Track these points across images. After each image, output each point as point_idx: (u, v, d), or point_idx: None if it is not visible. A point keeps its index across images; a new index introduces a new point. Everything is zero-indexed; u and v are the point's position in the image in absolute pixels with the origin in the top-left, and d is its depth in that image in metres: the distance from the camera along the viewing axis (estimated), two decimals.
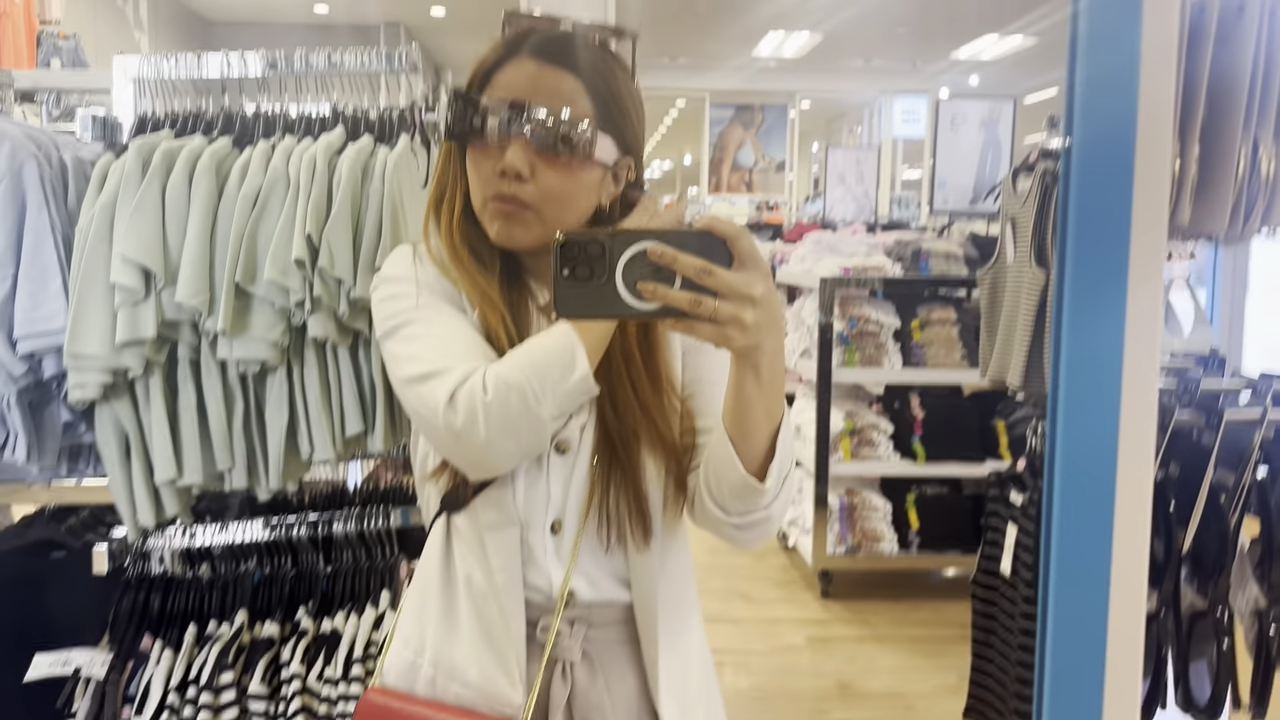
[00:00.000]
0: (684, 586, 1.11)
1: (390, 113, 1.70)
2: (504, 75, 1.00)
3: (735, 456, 0.91)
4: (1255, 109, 1.22)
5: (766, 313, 0.82)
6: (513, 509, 1.03)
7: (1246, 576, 1.33)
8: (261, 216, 1.48)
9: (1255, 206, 1.20)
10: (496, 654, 1.01)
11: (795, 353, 4.34)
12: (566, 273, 0.82)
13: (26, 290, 1.46)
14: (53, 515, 2.15)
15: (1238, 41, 1.22)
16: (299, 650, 1.61)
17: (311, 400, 1.54)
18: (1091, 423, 0.90)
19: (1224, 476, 1.28)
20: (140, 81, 1.68)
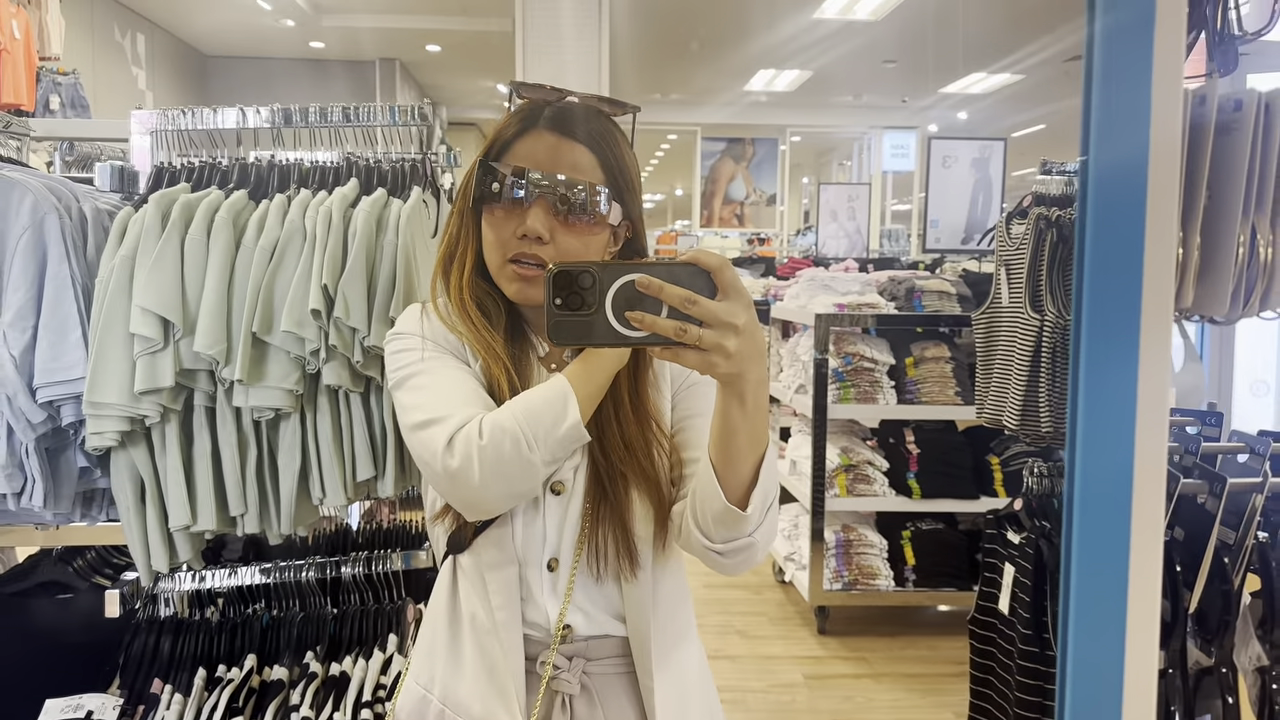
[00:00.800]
0: (678, 615, 1.15)
1: (402, 164, 1.75)
2: (523, 145, 1.08)
3: (718, 484, 0.95)
4: (1253, 198, 1.28)
5: (749, 341, 0.86)
6: (511, 548, 1.08)
7: (1249, 635, 1.36)
8: (278, 268, 1.51)
9: (1254, 290, 1.25)
10: (498, 688, 1.06)
11: (791, 388, 4.38)
12: (559, 302, 0.86)
13: (47, 341, 1.49)
14: (60, 557, 2.16)
15: (1236, 133, 1.28)
16: (309, 694, 1.63)
17: (324, 446, 1.56)
18: (1105, 495, 0.94)
19: (1225, 535, 1.32)
20: (157, 133, 1.72)
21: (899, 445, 4.07)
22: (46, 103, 6.21)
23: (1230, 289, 1.25)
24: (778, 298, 5.00)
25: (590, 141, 1.09)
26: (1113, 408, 0.93)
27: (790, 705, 3.50)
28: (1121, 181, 0.91)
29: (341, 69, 10.68)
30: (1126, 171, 0.91)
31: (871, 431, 4.26)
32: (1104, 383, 0.92)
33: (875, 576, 4.02)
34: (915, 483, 3.98)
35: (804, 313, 4.11)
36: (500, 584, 1.07)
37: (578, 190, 1.06)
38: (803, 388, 4.17)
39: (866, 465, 4.00)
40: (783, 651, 3.97)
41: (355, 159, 1.74)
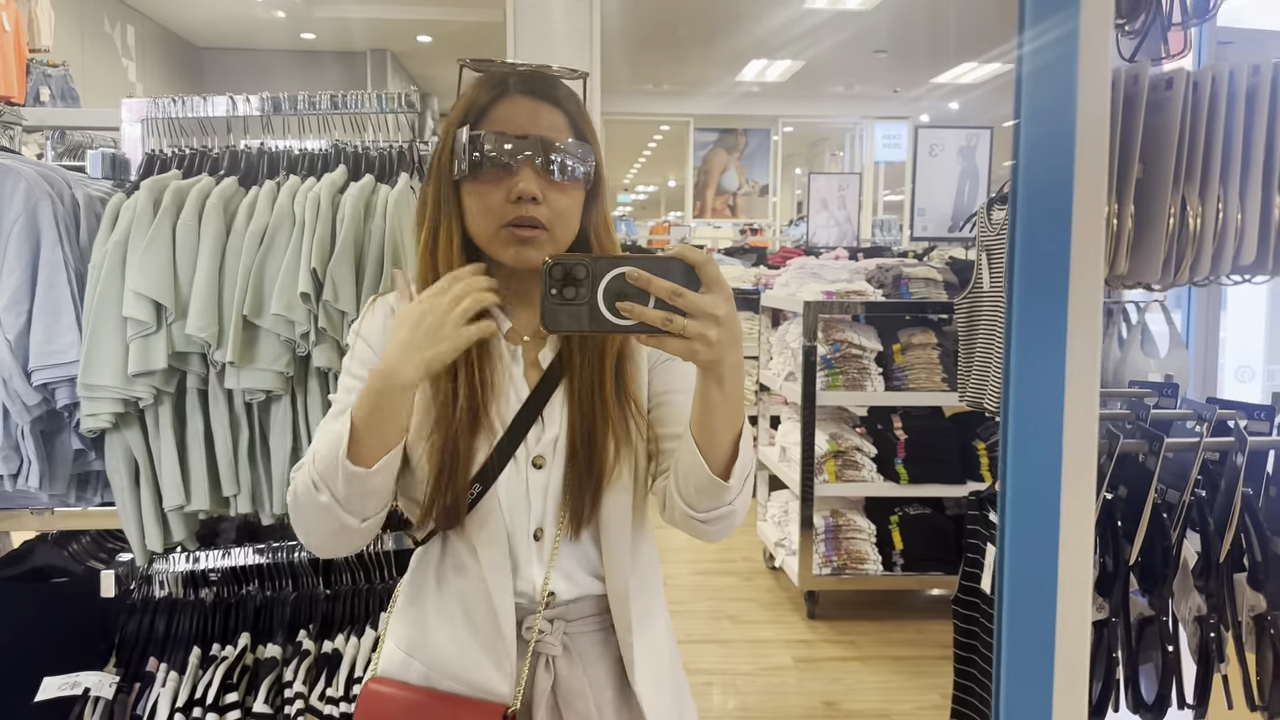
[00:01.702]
0: (651, 578, 1.22)
1: (390, 150, 1.77)
2: (501, 111, 1.10)
3: (702, 459, 1.01)
4: (1183, 171, 1.33)
5: (729, 330, 0.93)
6: (500, 521, 1.12)
7: (1189, 587, 1.43)
8: (268, 253, 1.54)
9: (1184, 259, 1.30)
10: (487, 651, 1.11)
11: (780, 376, 4.41)
12: (554, 292, 0.92)
13: (41, 324, 1.51)
14: (55, 541, 2.19)
15: (1166, 110, 1.33)
16: (301, 670, 1.66)
17: (315, 427, 1.59)
18: (1036, 452, 0.99)
19: (1171, 497, 1.38)
20: (148, 121, 1.75)
21: (887, 431, 4.11)
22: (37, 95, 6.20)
23: (1162, 258, 1.31)
24: (768, 286, 5.03)
25: (559, 102, 1.12)
26: (1044, 371, 0.99)
27: (780, 687, 3.55)
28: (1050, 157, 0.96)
29: (333, 60, 10.67)
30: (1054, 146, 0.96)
31: (860, 418, 4.30)
32: (1035, 347, 0.98)
33: (864, 561, 4.06)
34: (903, 468, 4.03)
35: (793, 300, 4.14)
36: (491, 556, 1.11)
37: (561, 149, 1.08)
38: (792, 375, 4.21)
39: (855, 451, 4.04)
40: (773, 635, 4.02)
41: (343, 146, 1.77)
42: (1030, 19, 0.96)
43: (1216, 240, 1.35)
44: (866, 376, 4.02)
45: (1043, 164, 0.95)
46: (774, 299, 4.55)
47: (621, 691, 1.17)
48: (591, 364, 1.12)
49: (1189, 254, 1.28)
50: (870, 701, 3.41)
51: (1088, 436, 0.96)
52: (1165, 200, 1.30)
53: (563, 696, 1.13)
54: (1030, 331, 0.96)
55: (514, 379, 1.15)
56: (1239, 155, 1.35)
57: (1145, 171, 1.34)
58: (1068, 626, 0.99)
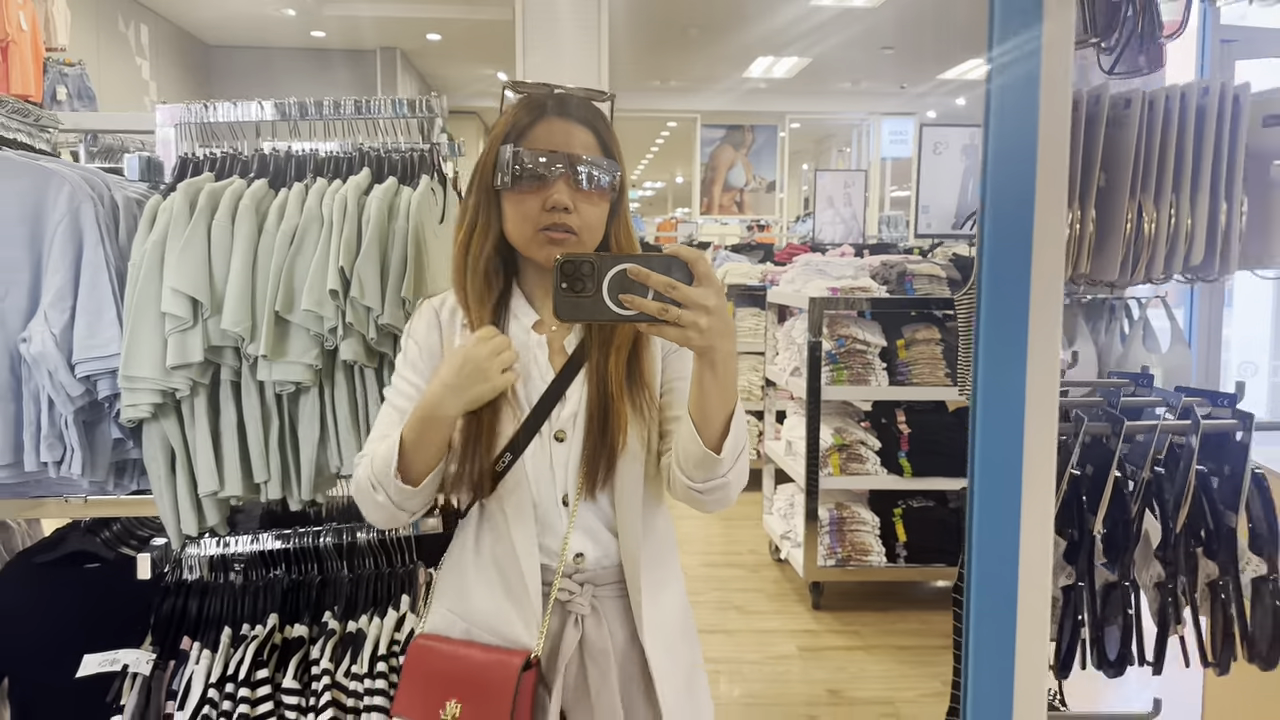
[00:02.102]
0: (664, 551, 1.36)
1: (411, 154, 1.85)
2: (539, 131, 1.26)
3: (697, 435, 1.15)
4: (1139, 181, 1.45)
5: (719, 320, 1.06)
6: (528, 490, 1.27)
7: (1150, 557, 1.55)
8: (298, 252, 1.62)
9: (1140, 260, 1.41)
10: (516, 607, 1.27)
11: (786, 371, 4.49)
12: (565, 286, 1.06)
13: (84, 320, 1.60)
14: (88, 528, 2.27)
15: (1125, 127, 1.45)
16: (328, 649, 1.74)
17: (341, 417, 1.68)
18: (1002, 435, 1.09)
19: (1135, 475, 1.49)
20: (180, 125, 1.83)
21: (891, 425, 4.18)
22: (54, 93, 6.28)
23: (1120, 259, 1.41)
24: (774, 283, 5.10)
25: (590, 123, 1.28)
26: (1008, 361, 1.09)
27: (785, 675, 3.63)
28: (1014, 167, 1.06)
29: (342, 58, 10.74)
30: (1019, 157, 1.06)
31: (864, 413, 4.38)
32: (1000, 341, 1.08)
33: (868, 553, 4.14)
34: (906, 461, 4.10)
35: (798, 297, 4.22)
36: (519, 520, 1.27)
37: (590, 165, 1.24)
38: (797, 370, 4.28)
39: (859, 445, 4.12)
40: (778, 626, 4.10)
41: (367, 150, 1.85)
42: (997, 38, 1.05)
43: (1169, 243, 1.47)
44: (871, 371, 4.10)
45: (1007, 174, 1.05)
46: (780, 295, 4.62)
47: (636, 648, 1.31)
48: (608, 349, 1.26)
49: (1144, 255, 1.39)
50: (874, 690, 3.48)
51: (1048, 420, 1.07)
52: (1124, 207, 1.43)
53: (589, 652, 1.28)
54: (995, 327, 1.06)
55: (539, 363, 1.30)
56: (1189, 167, 1.47)
57: (1106, 181, 1.46)
58: (1029, 589, 1.08)
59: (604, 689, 1.28)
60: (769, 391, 5.14)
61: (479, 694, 1.24)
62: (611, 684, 1.28)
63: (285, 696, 1.71)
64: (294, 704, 1.71)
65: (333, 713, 1.68)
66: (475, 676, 1.24)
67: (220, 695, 1.70)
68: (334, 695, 1.70)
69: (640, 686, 1.32)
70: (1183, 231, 1.45)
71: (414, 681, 1.29)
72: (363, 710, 1.70)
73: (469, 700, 1.24)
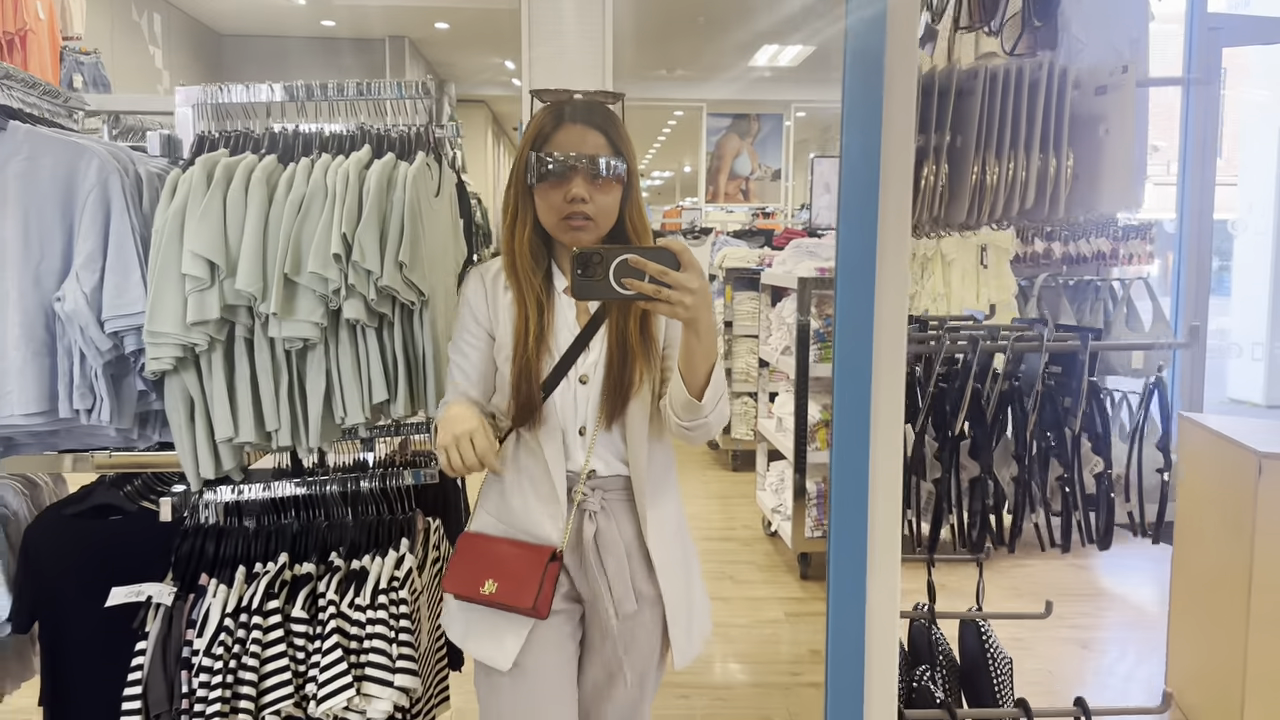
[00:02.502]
0: (664, 470, 1.70)
1: (409, 132, 2.01)
2: (560, 136, 1.56)
3: (683, 384, 1.50)
4: (983, 140, 1.72)
5: (701, 298, 1.38)
6: (557, 420, 1.61)
7: (1009, 457, 1.84)
8: (305, 219, 1.78)
9: (984, 206, 1.67)
10: (546, 509, 1.62)
11: (777, 350, 4.64)
12: (579, 272, 1.38)
13: (112, 281, 1.76)
14: (112, 483, 2.44)
15: (972, 97, 1.73)
16: (333, 583, 1.91)
17: (345, 372, 1.84)
18: (857, 357, 1.32)
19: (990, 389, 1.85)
20: (198, 106, 1.99)
21: None
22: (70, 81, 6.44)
23: (966, 206, 1.68)
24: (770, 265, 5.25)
25: (602, 127, 1.56)
26: (861, 297, 1.30)
27: (772, 638, 3.80)
28: (866, 129, 1.26)
29: (352, 46, 10.89)
30: (869, 122, 1.26)
31: None
32: (854, 283, 1.29)
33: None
34: None
35: (789, 278, 4.37)
36: (550, 443, 1.60)
37: (602, 164, 1.53)
38: (788, 349, 4.43)
39: None
40: (768, 594, 4.26)
41: (368, 128, 2.01)
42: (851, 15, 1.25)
43: (1007, 191, 1.71)
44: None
45: (859, 138, 1.24)
46: (772, 277, 4.77)
47: (641, 543, 1.66)
48: (626, 312, 1.59)
49: (987, 202, 1.63)
50: None
51: (897, 339, 1.31)
52: (969, 162, 1.70)
53: (601, 542, 1.63)
54: (850, 265, 1.28)
55: (568, 322, 1.63)
56: (1024, 128, 1.72)
57: (958, 141, 1.73)
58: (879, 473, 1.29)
59: (615, 567, 1.62)
60: (763, 372, 5.30)
61: (512, 575, 1.57)
62: (621, 563, 1.63)
63: (294, 625, 1.88)
64: (302, 632, 1.88)
65: (337, 639, 1.85)
66: (510, 562, 1.58)
67: (235, 624, 1.86)
68: (338, 624, 1.87)
69: (645, 574, 1.66)
70: (1018, 182, 1.70)
71: (461, 564, 1.62)
72: (365, 638, 1.88)
73: (503, 580, 1.57)
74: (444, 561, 2.19)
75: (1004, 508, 1.82)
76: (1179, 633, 3.19)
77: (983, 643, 2.07)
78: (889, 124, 1.22)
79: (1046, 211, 1.67)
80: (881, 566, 1.43)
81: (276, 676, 1.85)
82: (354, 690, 1.83)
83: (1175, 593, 3.21)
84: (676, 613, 1.68)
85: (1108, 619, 4.07)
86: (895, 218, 1.26)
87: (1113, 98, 1.64)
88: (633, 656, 1.68)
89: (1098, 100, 1.67)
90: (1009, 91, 1.66)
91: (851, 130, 1.27)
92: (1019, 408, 1.78)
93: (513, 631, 1.61)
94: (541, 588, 1.54)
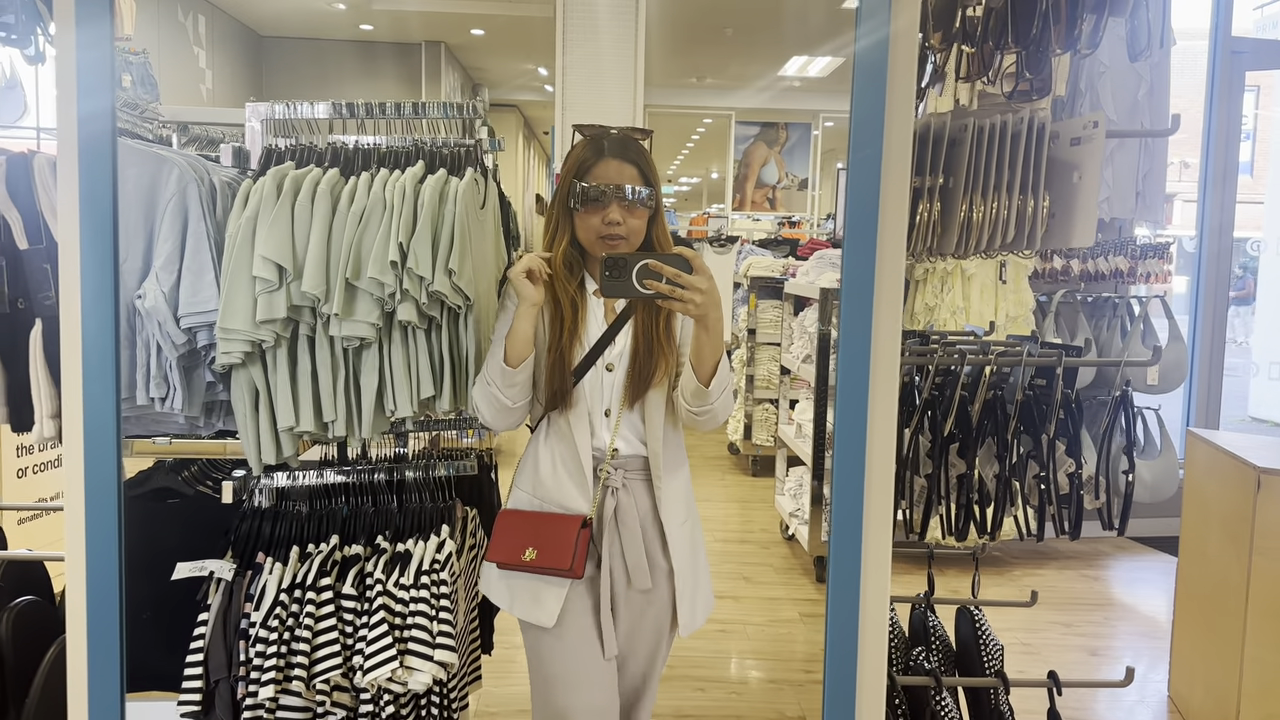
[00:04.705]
0: (677, 452, 1.93)
1: (459, 150, 2.17)
2: (599, 169, 1.79)
3: (693, 374, 1.75)
4: (970, 182, 1.94)
5: (710, 297, 1.64)
6: (585, 404, 1.84)
7: (992, 457, 2.07)
8: (365, 229, 1.94)
9: (970, 238, 1.93)
10: (576, 484, 1.85)
11: (799, 359, 4.76)
12: (608, 274, 1.64)
13: (188, 281, 1.93)
14: (170, 467, 2.61)
15: (961, 144, 1.96)
16: (380, 564, 2.07)
17: (396, 369, 2.00)
18: (856, 369, 1.49)
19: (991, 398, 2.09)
20: (266, 121, 2.16)
21: None
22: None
23: (955, 239, 1.91)
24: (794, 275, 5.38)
25: (635, 160, 1.80)
26: (861, 308, 1.47)
27: (786, 637, 3.92)
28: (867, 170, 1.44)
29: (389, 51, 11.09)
30: (869, 167, 1.44)
31: None
32: (856, 302, 1.46)
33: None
34: None
35: (811, 288, 4.49)
36: (579, 425, 1.83)
37: (635, 193, 1.77)
38: (809, 358, 4.56)
39: None
40: (783, 595, 4.39)
41: (422, 144, 2.17)
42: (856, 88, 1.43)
43: (991, 227, 1.93)
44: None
45: (862, 174, 1.41)
46: (795, 286, 4.90)
47: (655, 517, 1.88)
48: (648, 311, 1.82)
49: (974, 236, 1.82)
50: None
51: (891, 352, 1.49)
52: (959, 200, 1.92)
53: (621, 517, 1.85)
54: (853, 285, 1.44)
55: (597, 318, 1.86)
56: (1005, 173, 1.94)
57: (950, 182, 1.96)
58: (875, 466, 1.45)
59: (632, 541, 1.85)
60: (784, 379, 5.42)
61: (549, 542, 1.79)
62: (637, 537, 1.85)
63: (344, 601, 2.04)
64: (351, 608, 2.04)
65: (383, 614, 2.01)
66: (547, 531, 1.81)
67: (290, 599, 2.03)
68: (384, 601, 2.03)
69: (658, 545, 1.88)
70: (999, 219, 1.93)
71: (502, 537, 1.85)
72: (408, 615, 2.03)
73: (542, 547, 1.79)
74: (479, 549, 2.35)
75: (987, 502, 2.00)
76: (1182, 640, 3.29)
77: (975, 628, 2.26)
78: (886, 170, 1.42)
79: (1025, 244, 1.90)
80: (875, 547, 1.63)
81: (327, 648, 2.00)
82: (397, 663, 1.99)
83: (1179, 602, 3.32)
84: (684, 585, 1.89)
85: (1117, 628, 4.17)
86: (892, 246, 1.46)
87: (1085, 148, 1.85)
88: (645, 624, 1.90)
89: (1073, 150, 1.88)
90: (993, 141, 1.89)
91: (855, 178, 1.46)
92: (1001, 414, 2.01)
93: (552, 594, 1.83)
94: (576, 551, 1.76)
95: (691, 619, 1.92)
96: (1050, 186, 1.87)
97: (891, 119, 1.52)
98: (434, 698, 2.11)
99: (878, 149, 1.51)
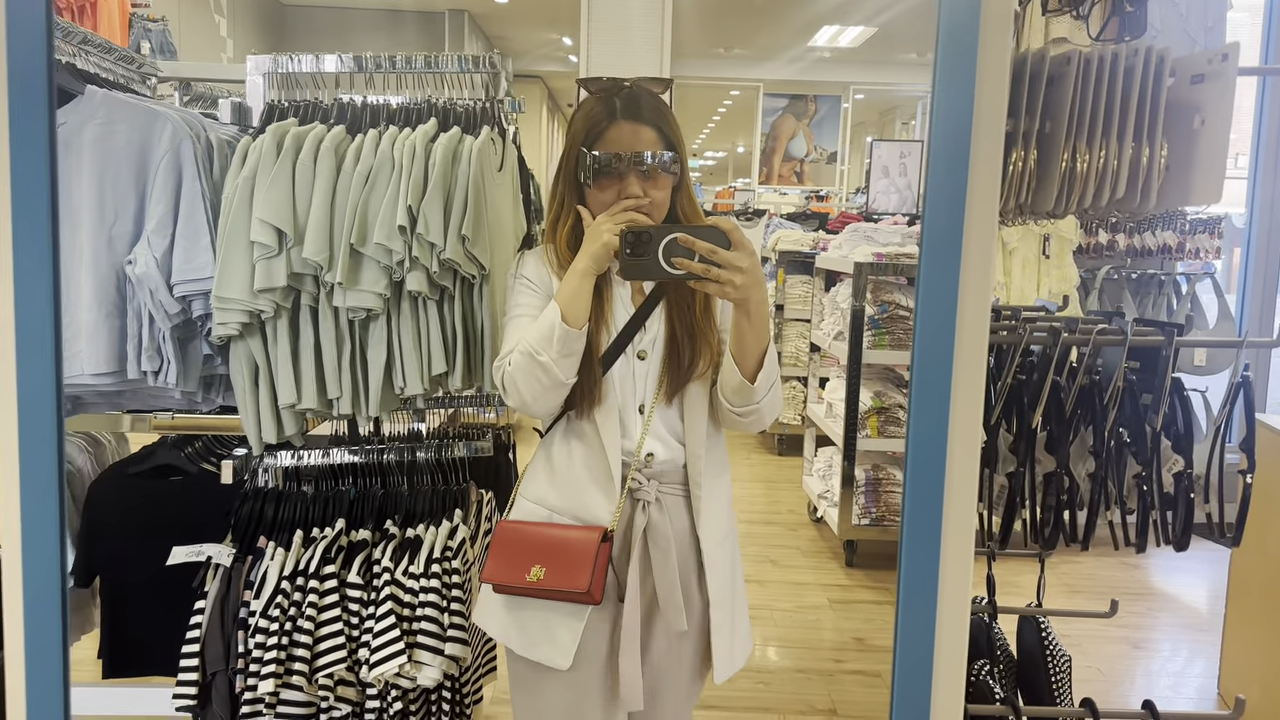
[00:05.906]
0: (720, 461, 1.61)
1: (474, 106, 2.02)
2: (612, 134, 1.48)
3: (735, 367, 1.46)
4: (1073, 127, 1.66)
5: (751, 277, 1.36)
6: (615, 398, 1.52)
7: (1085, 453, 1.80)
8: (372, 191, 1.80)
9: (1073, 193, 1.65)
10: (601, 491, 1.51)
11: (830, 335, 4.59)
12: (628, 252, 1.36)
13: (182, 246, 1.79)
14: (174, 444, 2.50)
15: (1064, 82, 1.67)
16: (388, 550, 1.94)
17: (405, 343, 1.86)
18: (939, 341, 1.29)
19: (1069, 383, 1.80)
20: (268, 75, 2.01)
21: None
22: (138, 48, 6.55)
23: (1055, 193, 1.65)
24: (824, 249, 5.19)
25: (654, 121, 1.49)
26: (944, 283, 1.27)
27: (815, 624, 3.78)
28: (957, 116, 1.23)
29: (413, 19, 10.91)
30: (960, 109, 1.23)
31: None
32: (939, 264, 1.26)
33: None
34: None
35: (844, 262, 4.31)
36: (607, 422, 1.51)
37: (655, 160, 1.47)
38: (841, 335, 4.39)
39: (898, 409, 4.22)
40: (812, 580, 4.24)
41: (434, 101, 2.02)
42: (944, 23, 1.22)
43: (1098, 180, 1.67)
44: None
45: (949, 125, 1.22)
46: (827, 261, 4.72)
47: (693, 538, 1.56)
48: (682, 292, 1.52)
49: (1076, 190, 1.59)
50: None
51: (980, 327, 1.27)
52: (1059, 149, 1.66)
53: (652, 536, 1.52)
54: (935, 252, 1.25)
55: (624, 301, 1.55)
56: (1116, 116, 1.68)
57: (1048, 126, 1.70)
58: (955, 471, 1.27)
59: (665, 568, 1.51)
60: (814, 357, 5.25)
61: (562, 559, 1.46)
62: (671, 564, 1.51)
63: (349, 590, 1.91)
64: (357, 598, 1.91)
65: (391, 605, 1.88)
66: (559, 546, 1.47)
67: (292, 587, 1.90)
68: (392, 590, 1.90)
69: (695, 572, 1.56)
70: (1109, 171, 1.65)
71: (501, 553, 1.51)
72: (418, 605, 1.90)
73: (552, 564, 1.46)
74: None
75: (1079, 505, 1.76)
76: (1235, 635, 3.12)
77: (1041, 639, 2.02)
78: (980, 106, 1.20)
79: (1137, 202, 1.62)
80: (954, 558, 1.39)
81: (330, 640, 1.88)
82: (405, 657, 1.86)
83: (1232, 595, 3.14)
84: (720, 619, 1.56)
85: (1160, 619, 4.00)
86: (983, 203, 1.23)
87: (1211, 87, 1.58)
88: (670, 668, 1.59)
89: (1194, 89, 1.61)
90: (1103, 78, 1.61)
91: (942, 112, 1.25)
92: (1097, 403, 1.74)
93: (567, 627, 1.49)
94: (595, 569, 1.43)
95: (730, 662, 1.58)
96: (1166, 133, 1.60)
97: (987, 35, 1.25)
98: (445, 692, 1.98)
99: (970, 70, 1.26)
